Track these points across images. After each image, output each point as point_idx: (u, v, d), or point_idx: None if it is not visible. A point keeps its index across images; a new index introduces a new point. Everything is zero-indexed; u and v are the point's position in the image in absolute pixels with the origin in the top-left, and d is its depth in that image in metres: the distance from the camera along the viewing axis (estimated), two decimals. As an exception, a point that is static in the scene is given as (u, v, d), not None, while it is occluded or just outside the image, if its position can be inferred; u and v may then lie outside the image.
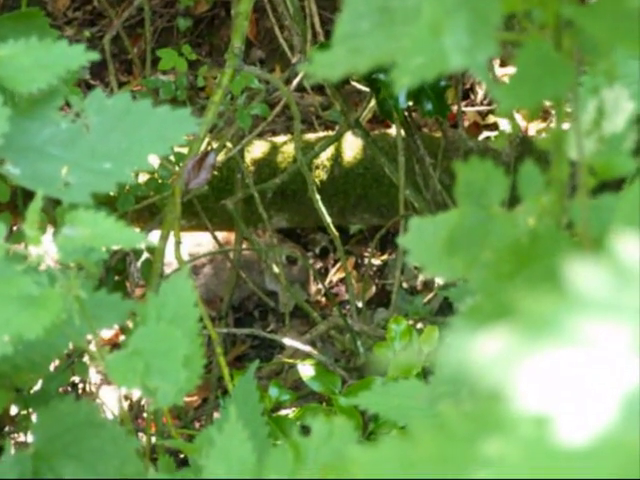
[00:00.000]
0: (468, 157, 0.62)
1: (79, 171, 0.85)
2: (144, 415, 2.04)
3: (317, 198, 1.89)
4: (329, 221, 1.91)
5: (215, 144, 1.90)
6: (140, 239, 0.80)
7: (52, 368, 1.50)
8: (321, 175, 2.28)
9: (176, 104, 0.91)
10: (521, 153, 2.17)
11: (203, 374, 0.88)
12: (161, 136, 0.86)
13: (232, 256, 2.23)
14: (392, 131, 2.22)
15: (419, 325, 2.06)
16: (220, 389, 2.06)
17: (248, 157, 2.23)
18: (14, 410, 1.32)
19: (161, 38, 2.89)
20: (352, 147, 2.29)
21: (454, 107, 2.27)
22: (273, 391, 1.65)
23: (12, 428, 1.35)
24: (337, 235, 1.95)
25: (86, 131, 0.87)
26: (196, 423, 2.12)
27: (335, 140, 2.08)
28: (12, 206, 1.72)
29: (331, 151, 2.26)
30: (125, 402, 1.92)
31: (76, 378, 1.94)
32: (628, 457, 0.29)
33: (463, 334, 0.30)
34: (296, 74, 1.90)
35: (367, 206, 2.32)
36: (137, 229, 0.88)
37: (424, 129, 2.56)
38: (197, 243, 2.43)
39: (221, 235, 2.30)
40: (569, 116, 0.57)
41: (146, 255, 1.88)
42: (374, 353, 1.59)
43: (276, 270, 2.05)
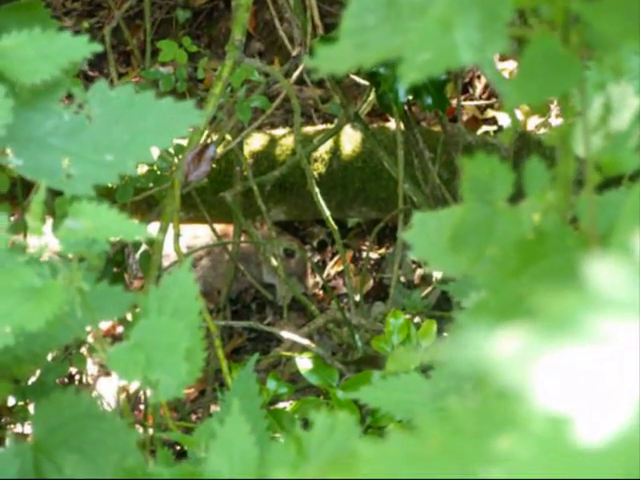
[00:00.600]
0: (467, 151, 0.62)
1: (81, 163, 0.85)
2: (140, 407, 2.04)
3: (317, 191, 1.89)
4: (328, 214, 1.91)
5: (215, 136, 1.90)
6: (142, 231, 0.80)
7: (49, 359, 1.50)
8: (319, 168, 2.28)
9: (175, 96, 0.91)
10: (519, 148, 2.17)
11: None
12: (164, 128, 0.86)
13: (230, 248, 2.23)
14: (391, 125, 2.22)
15: (416, 319, 2.06)
16: (217, 381, 2.06)
17: (247, 150, 2.23)
18: (11, 401, 1.32)
19: (160, 30, 2.88)
20: (351, 140, 2.29)
21: (453, 101, 2.27)
22: (271, 384, 1.65)
23: (9, 419, 1.35)
24: (336, 228, 1.95)
25: (89, 123, 0.87)
26: (193, 416, 2.13)
27: (334, 133, 2.08)
28: (11, 197, 1.72)
29: (330, 144, 2.26)
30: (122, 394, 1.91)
31: (73, 369, 1.94)
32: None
33: (471, 331, 0.30)
34: (296, 67, 1.89)
35: (365, 199, 2.32)
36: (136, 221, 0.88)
37: (423, 123, 2.56)
38: (194, 235, 2.43)
39: (219, 227, 2.30)
40: (575, 112, 0.57)
41: (144, 247, 1.88)
42: (372, 347, 1.59)
43: (274, 263, 2.05)
